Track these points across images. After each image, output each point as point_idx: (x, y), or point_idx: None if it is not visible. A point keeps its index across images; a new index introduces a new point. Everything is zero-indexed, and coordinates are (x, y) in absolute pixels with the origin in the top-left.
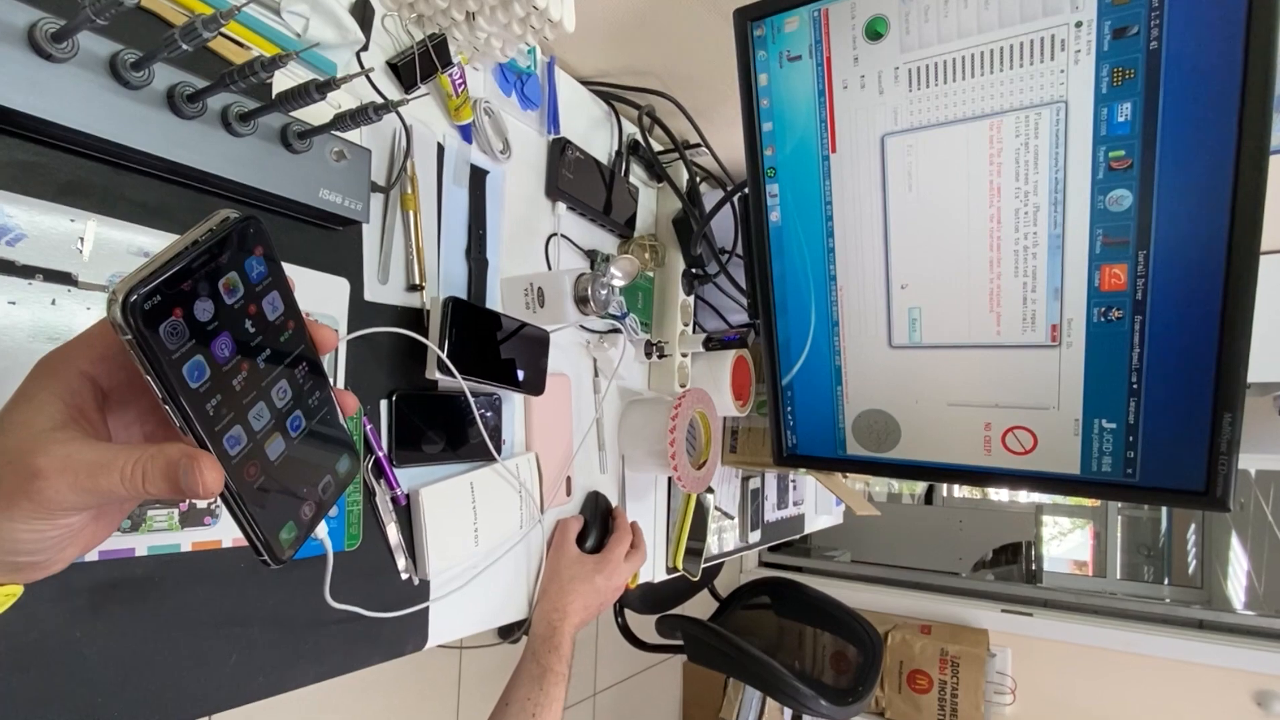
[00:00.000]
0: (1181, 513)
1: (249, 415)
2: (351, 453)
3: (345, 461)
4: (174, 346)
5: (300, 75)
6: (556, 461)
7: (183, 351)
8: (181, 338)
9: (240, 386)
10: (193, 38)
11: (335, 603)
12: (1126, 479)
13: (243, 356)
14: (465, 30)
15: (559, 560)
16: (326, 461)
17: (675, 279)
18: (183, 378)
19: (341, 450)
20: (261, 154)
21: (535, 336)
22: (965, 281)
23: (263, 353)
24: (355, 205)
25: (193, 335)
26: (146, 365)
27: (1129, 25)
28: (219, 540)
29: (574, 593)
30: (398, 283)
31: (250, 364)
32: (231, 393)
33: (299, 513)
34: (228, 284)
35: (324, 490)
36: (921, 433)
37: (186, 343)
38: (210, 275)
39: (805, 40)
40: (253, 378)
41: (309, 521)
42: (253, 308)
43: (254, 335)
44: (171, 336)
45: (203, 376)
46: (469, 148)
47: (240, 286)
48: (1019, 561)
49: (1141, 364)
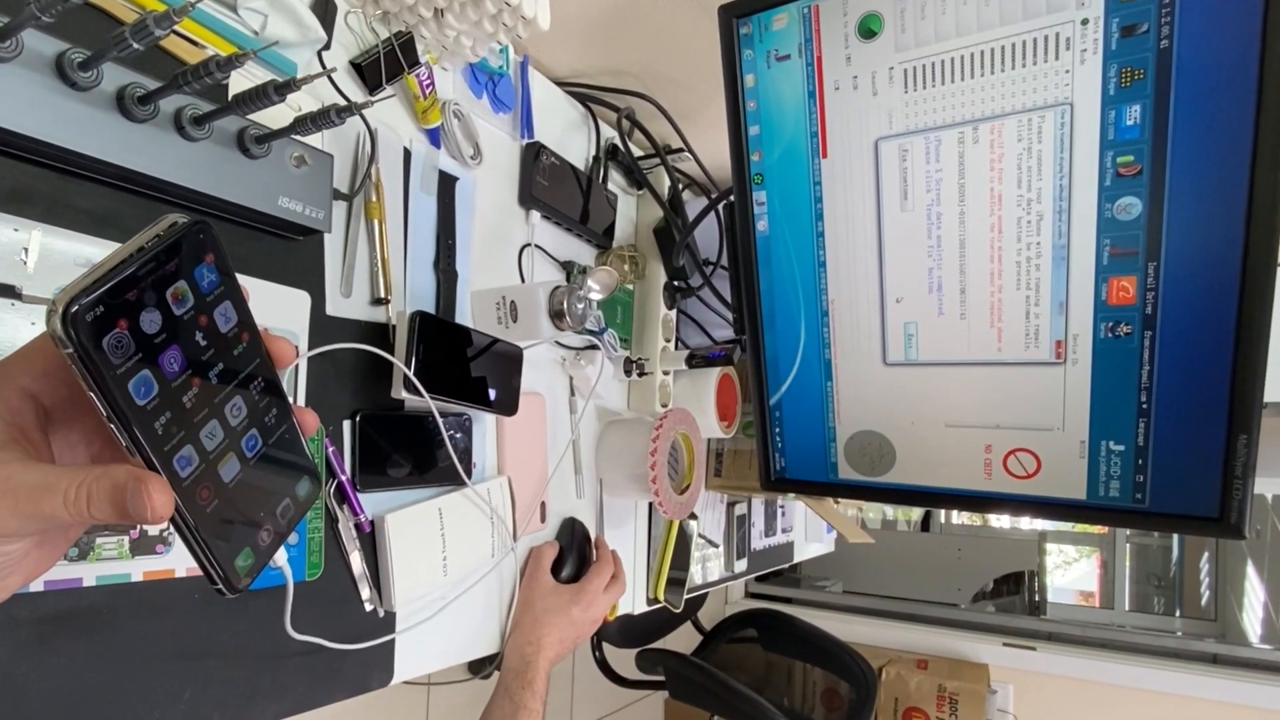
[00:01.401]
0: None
1: (201, 435)
2: (312, 475)
3: (305, 484)
4: (119, 361)
5: (258, 76)
6: (530, 486)
7: (128, 366)
8: (127, 351)
9: (191, 404)
10: (144, 36)
11: (296, 633)
12: (1135, 505)
13: (193, 372)
14: (433, 28)
15: (533, 590)
16: (285, 484)
17: (656, 292)
18: (129, 394)
19: (301, 472)
20: (217, 159)
21: (508, 353)
22: (964, 295)
23: (215, 367)
24: (316, 214)
25: (139, 349)
26: (89, 381)
27: (1138, 23)
28: (172, 569)
29: (549, 625)
30: (362, 296)
31: (202, 380)
32: (182, 410)
33: (256, 539)
34: (176, 294)
35: (283, 515)
36: (918, 455)
37: (132, 357)
38: (157, 284)
39: (794, 38)
40: (205, 394)
41: (267, 548)
42: (204, 319)
43: (205, 349)
44: (116, 350)
45: (150, 393)
46: (437, 153)
47: (190, 296)
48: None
49: (1151, 382)
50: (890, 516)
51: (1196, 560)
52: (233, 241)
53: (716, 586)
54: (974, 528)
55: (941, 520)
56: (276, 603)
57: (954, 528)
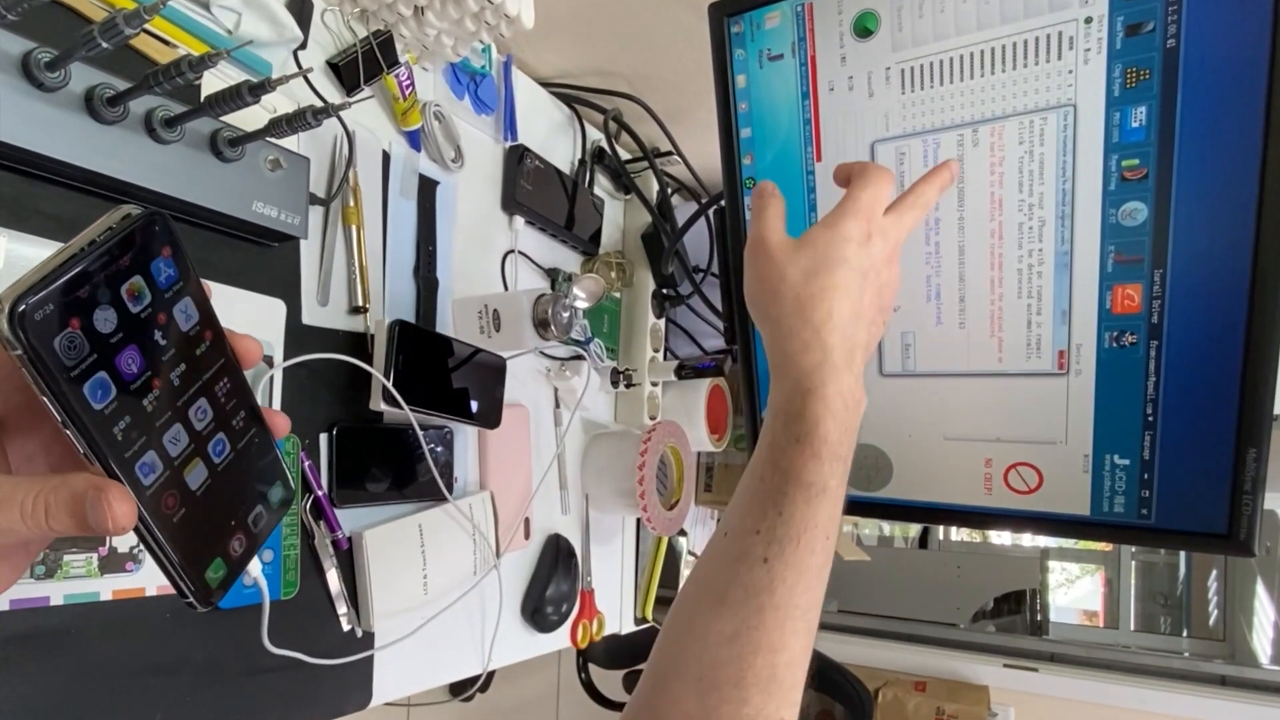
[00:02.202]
0: (1202, 558)
1: (164, 439)
2: (285, 480)
3: (278, 490)
4: (72, 362)
5: (232, 76)
6: (514, 501)
7: (83, 368)
8: (80, 352)
9: (152, 407)
10: (114, 35)
11: (274, 648)
12: (1141, 520)
13: (154, 373)
14: (413, 26)
15: (767, 261)
16: (257, 491)
17: (644, 300)
18: (84, 398)
19: (274, 478)
20: (189, 163)
21: (490, 364)
22: (963, 303)
23: (177, 368)
24: (292, 219)
25: (94, 349)
26: (42, 384)
27: (1144, 21)
28: (142, 588)
29: (829, 290)
30: (339, 304)
31: (163, 381)
32: (142, 414)
33: (227, 548)
34: (132, 290)
35: (255, 523)
36: (915, 470)
37: (87, 358)
38: (111, 280)
39: (787, 38)
40: (167, 397)
41: (239, 558)
42: (162, 316)
43: (166, 348)
44: (69, 351)
45: (108, 396)
46: (417, 156)
47: (147, 292)
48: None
49: (1157, 394)
50: (887, 533)
51: (1204, 578)
52: (205, 248)
53: None
54: (974, 545)
55: (940, 537)
56: (250, 622)
57: (953, 545)
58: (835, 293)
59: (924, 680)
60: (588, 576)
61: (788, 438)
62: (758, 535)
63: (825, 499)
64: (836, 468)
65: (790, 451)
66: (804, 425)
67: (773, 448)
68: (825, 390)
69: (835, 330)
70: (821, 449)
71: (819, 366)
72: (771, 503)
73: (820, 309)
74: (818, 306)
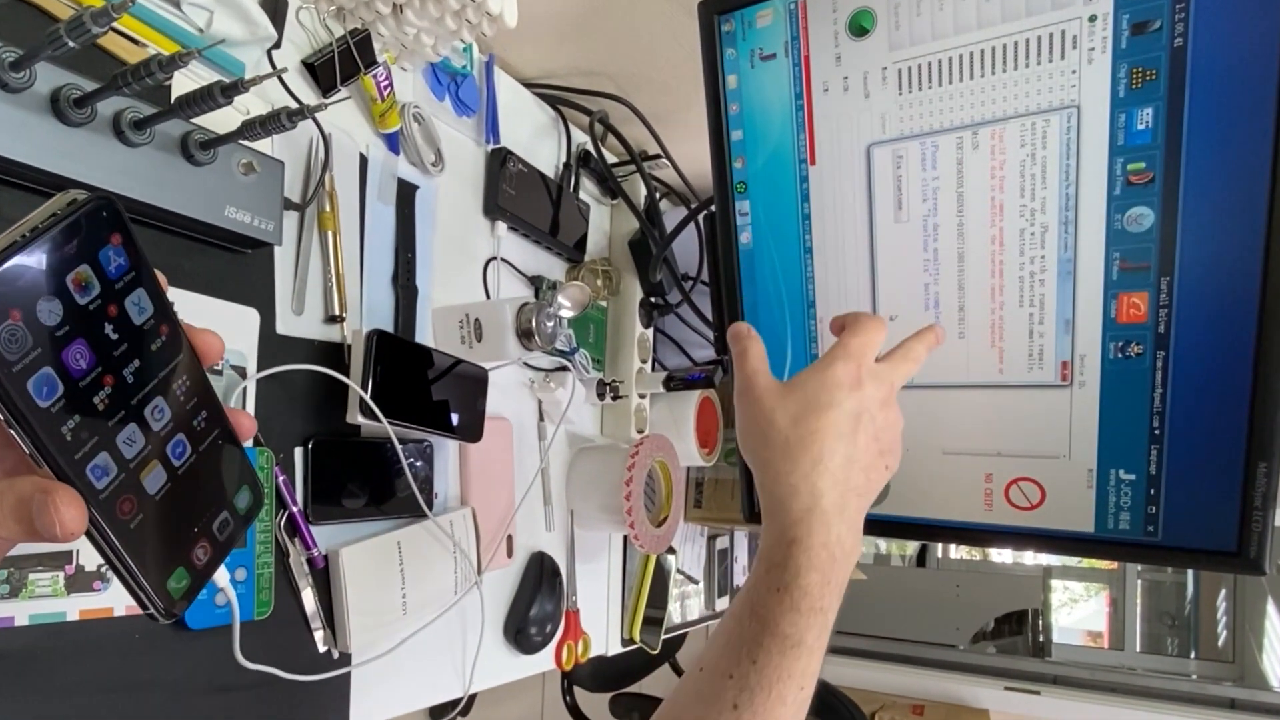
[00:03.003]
0: (1210, 577)
1: (118, 440)
2: (254, 486)
3: (246, 495)
4: (14, 356)
5: (203, 76)
6: (496, 517)
7: (25, 363)
8: (23, 346)
9: (104, 405)
10: (81, 34)
11: (248, 662)
12: (1147, 538)
13: (105, 369)
14: (391, 25)
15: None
16: (222, 495)
17: (632, 309)
18: (28, 395)
19: (240, 483)
20: (159, 166)
21: (472, 375)
22: (963, 312)
23: (130, 364)
24: (266, 225)
25: (37, 343)
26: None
27: (1150, 19)
28: (110, 607)
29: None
30: (315, 314)
31: (115, 378)
32: (93, 413)
33: (190, 557)
34: (79, 279)
35: (221, 530)
36: (912, 485)
37: (30, 352)
38: (56, 269)
39: (780, 37)
40: (120, 395)
41: (204, 568)
42: (113, 308)
43: (117, 343)
44: (10, 344)
45: (54, 394)
46: (396, 159)
47: (95, 283)
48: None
49: (1164, 406)
50: (883, 551)
51: (1213, 598)
52: (175, 255)
53: (696, 626)
54: (973, 563)
55: (938, 555)
56: (223, 642)
57: (952, 563)
58: (825, 436)
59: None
60: (573, 596)
61: (768, 585)
62: (730, 680)
63: (801, 651)
64: (815, 620)
65: (769, 600)
66: (785, 575)
67: (752, 592)
68: (810, 540)
69: (826, 474)
70: (801, 601)
71: (807, 513)
72: (746, 650)
73: (810, 453)
74: (808, 450)
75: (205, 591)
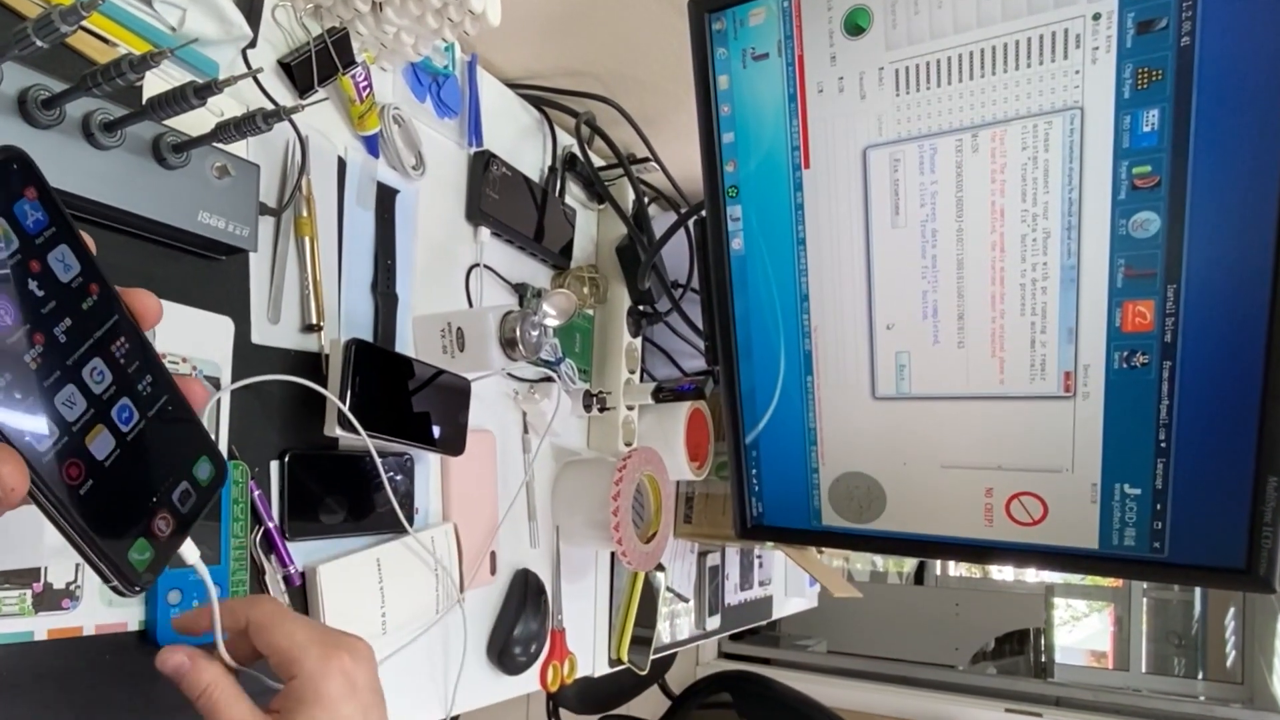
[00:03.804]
0: (1218, 595)
1: (56, 401)
2: (213, 455)
3: (205, 466)
4: None
5: (176, 77)
6: (479, 534)
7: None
8: None
9: (36, 364)
10: (49, 32)
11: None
12: (1153, 554)
13: (32, 326)
14: (371, 23)
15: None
16: (179, 465)
17: (619, 318)
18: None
19: (199, 452)
20: (130, 169)
21: (454, 386)
22: (962, 321)
23: (60, 323)
24: (241, 230)
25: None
26: None
27: (1156, 18)
28: (80, 626)
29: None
30: (291, 322)
31: (46, 336)
32: (24, 371)
33: (150, 527)
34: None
35: (182, 500)
36: (910, 500)
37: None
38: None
39: (773, 35)
40: (52, 354)
41: (167, 540)
42: (35, 264)
43: (44, 300)
44: None
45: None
46: (375, 163)
47: (13, 238)
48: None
49: (1171, 418)
50: (880, 568)
51: (1221, 617)
52: (147, 261)
53: (686, 646)
54: (973, 580)
55: (937, 572)
56: None
57: (951, 580)
58: None
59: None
60: (558, 615)
61: None
62: None
63: None
64: None
65: None
66: None
67: None
68: None
69: None
70: None
71: None
72: None
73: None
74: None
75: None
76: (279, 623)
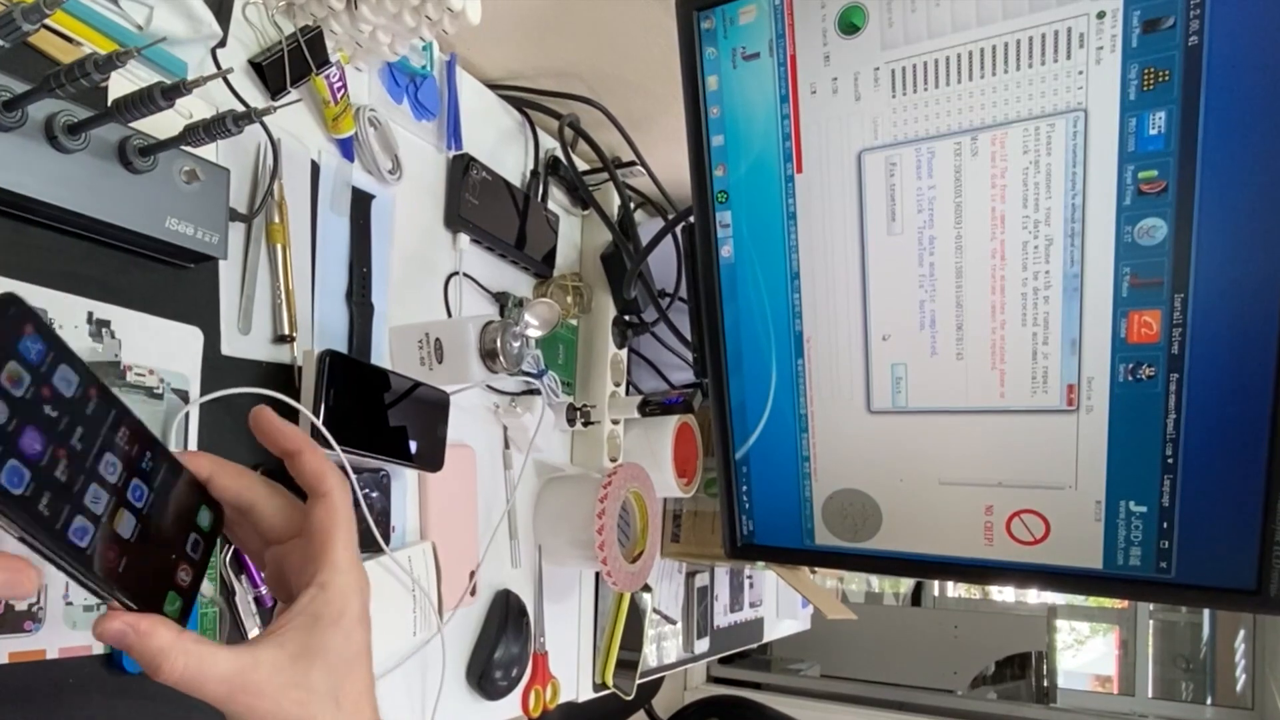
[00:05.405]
0: (1228, 617)
1: (85, 502)
2: (210, 502)
3: (205, 513)
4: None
5: (143, 77)
6: (459, 553)
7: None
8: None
9: (66, 477)
10: (10, 31)
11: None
12: (1160, 574)
13: (56, 445)
14: (345, 22)
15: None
16: (186, 520)
17: (604, 329)
18: (4, 488)
19: (198, 503)
20: (94, 174)
21: (432, 400)
22: (961, 332)
23: (75, 434)
24: (210, 237)
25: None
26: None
27: (1163, 16)
28: (43, 649)
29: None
30: (263, 333)
31: (66, 450)
32: (58, 486)
33: (175, 581)
34: (11, 377)
35: (194, 550)
36: (907, 518)
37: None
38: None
39: (764, 34)
40: (74, 463)
41: (189, 587)
42: (46, 391)
43: (59, 419)
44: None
45: (23, 481)
46: (350, 167)
47: (25, 374)
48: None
49: (1178, 433)
50: (875, 588)
51: (1230, 639)
52: (113, 270)
53: (674, 670)
54: (973, 601)
55: (935, 593)
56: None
57: (949, 602)
58: None
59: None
60: (541, 638)
61: None
62: None
63: None
64: None
65: None
66: None
67: None
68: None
69: None
70: None
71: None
72: None
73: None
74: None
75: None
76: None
